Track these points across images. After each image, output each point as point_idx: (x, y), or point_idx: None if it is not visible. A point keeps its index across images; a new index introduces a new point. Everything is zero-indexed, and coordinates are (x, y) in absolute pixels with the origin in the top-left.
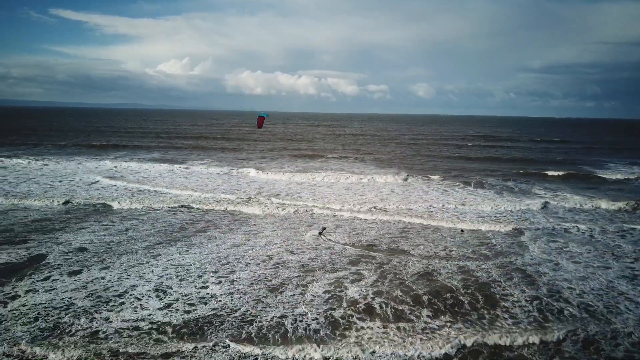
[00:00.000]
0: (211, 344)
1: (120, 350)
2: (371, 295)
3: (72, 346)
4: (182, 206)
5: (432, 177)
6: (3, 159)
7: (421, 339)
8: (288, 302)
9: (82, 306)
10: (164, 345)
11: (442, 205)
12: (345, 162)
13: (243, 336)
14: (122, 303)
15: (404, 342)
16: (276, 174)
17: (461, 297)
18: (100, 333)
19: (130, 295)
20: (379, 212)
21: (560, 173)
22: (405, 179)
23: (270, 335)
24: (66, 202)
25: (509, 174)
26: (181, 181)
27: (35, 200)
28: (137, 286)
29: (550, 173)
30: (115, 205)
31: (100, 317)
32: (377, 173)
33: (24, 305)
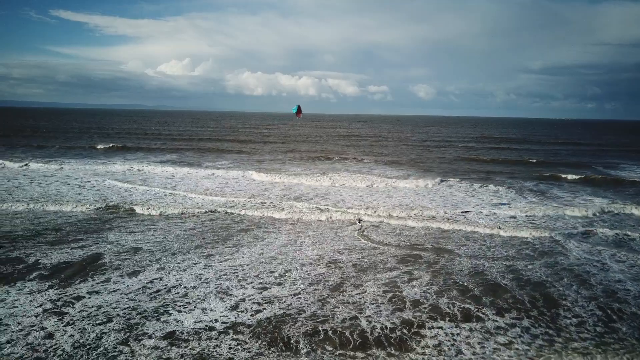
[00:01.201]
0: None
1: (205, 350)
2: (433, 295)
3: (153, 347)
4: (216, 210)
5: (453, 179)
6: (25, 162)
7: (501, 342)
8: (354, 302)
9: (150, 307)
10: (246, 346)
11: (472, 210)
12: (361, 164)
13: (321, 336)
14: (189, 303)
15: (483, 344)
16: (297, 177)
17: (519, 296)
18: (177, 333)
19: (194, 296)
20: (414, 219)
21: (577, 177)
22: (439, 182)
23: (348, 334)
24: (106, 206)
25: (528, 177)
26: (207, 184)
27: (71, 203)
28: (197, 287)
29: (569, 176)
30: (152, 207)
31: (172, 319)
32: (397, 176)
33: (91, 307)
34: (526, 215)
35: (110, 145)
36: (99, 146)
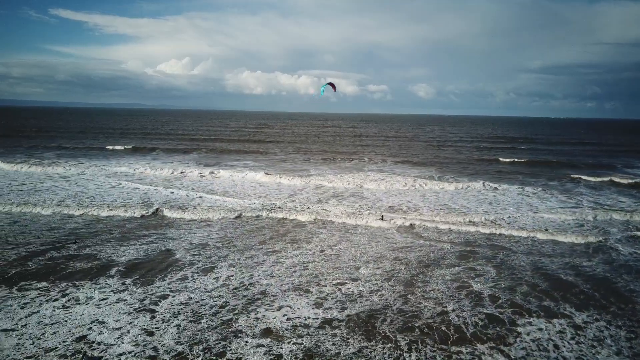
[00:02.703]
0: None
1: (311, 346)
2: (505, 291)
3: (257, 345)
4: (261, 210)
5: (482, 180)
6: (47, 163)
7: (590, 337)
8: (434, 298)
9: (236, 305)
10: (349, 341)
11: (511, 209)
12: (381, 164)
13: (416, 332)
14: (272, 301)
15: (577, 339)
16: (325, 177)
17: (588, 292)
18: (274, 330)
19: (274, 293)
20: (457, 219)
21: (604, 178)
22: (467, 183)
23: (444, 329)
24: (156, 210)
25: (553, 178)
26: (240, 185)
27: (118, 203)
28: (272, 285)
29: (595, 178)
30: (197, 208)
31: (261, 316)
32: (421, 175)
33: (178, 305)
34: (566, 216)
35: (130, 146)
36: (116, 147)
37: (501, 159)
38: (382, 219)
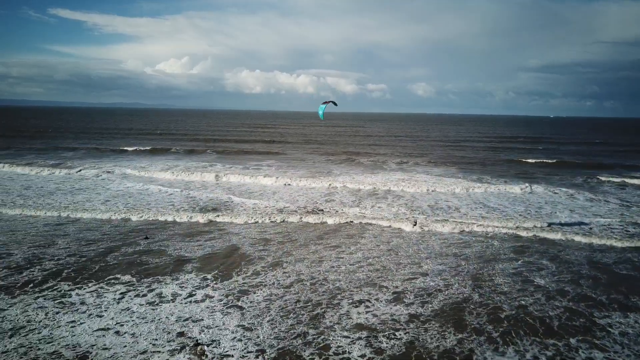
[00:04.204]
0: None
1: (409, 339)
2: (571, 284)
3: (357, 338)
4: (302, 209)
5: (509, 181)
6: (69, 165)
7: None
8: (507, 292)
9: (319, 300)
10: (443, 334)
11: (549, 213)
12: (402, 164)
13: (504, 323)
14: (352, 295)
15: None
16: (351, 176)
17: None
18: (365, 325)
19: (350, 289)
20: (501, 223)
21: (627, 179)
22: (511, 186)
23: (530, 321)
24: (207, 209)
25: (575, 177)
26: (271, 187)
27: (169, 205)
28: (343, 280)
29: (615, 178)
30: (246, 209)
31: (346, 311)
32: (441, 174)
33: (263, 301)
34: (604, 217)
35: (148, 147)
36: (132, 148)
37: (520, 159)
38: (415, 224)
